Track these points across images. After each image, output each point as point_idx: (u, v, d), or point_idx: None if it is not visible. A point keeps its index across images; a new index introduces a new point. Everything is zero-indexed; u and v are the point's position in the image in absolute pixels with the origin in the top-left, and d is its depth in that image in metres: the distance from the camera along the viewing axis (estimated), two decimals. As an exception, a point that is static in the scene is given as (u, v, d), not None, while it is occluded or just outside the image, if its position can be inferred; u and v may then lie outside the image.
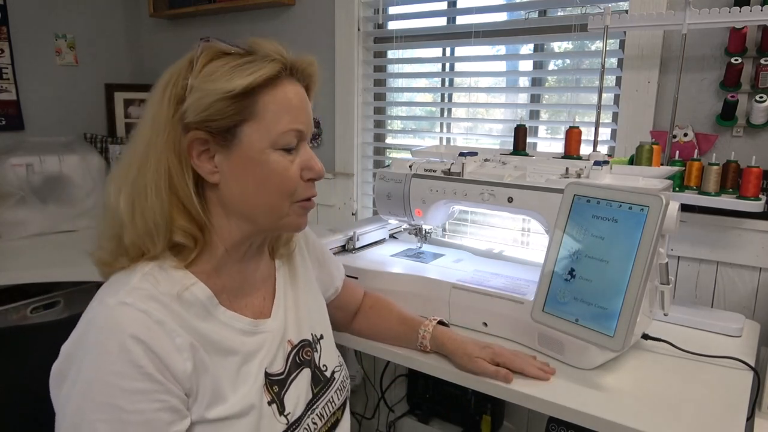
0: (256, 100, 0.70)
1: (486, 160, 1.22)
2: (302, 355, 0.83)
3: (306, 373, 0.83)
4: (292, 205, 0.75)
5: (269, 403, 0.75)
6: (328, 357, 0.89)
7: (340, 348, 0.99)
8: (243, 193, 0.72)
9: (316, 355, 0.86)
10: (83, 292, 1.73)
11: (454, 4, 1.69)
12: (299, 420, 0.78)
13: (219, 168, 0.71)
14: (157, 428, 0.63)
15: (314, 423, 0.81)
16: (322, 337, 0.89)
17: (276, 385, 0.77)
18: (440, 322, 1.02)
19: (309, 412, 0.81)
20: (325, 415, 0.84)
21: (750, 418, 0.87)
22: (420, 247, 1.37)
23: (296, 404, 0.78)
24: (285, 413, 0.76)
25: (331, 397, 0.86)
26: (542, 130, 1.64)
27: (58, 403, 0.65)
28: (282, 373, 0.78)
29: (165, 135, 0.69)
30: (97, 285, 0.71)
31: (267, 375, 0.76)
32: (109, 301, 0.65)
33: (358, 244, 1.36)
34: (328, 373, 0.87)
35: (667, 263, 0.98)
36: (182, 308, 0.68)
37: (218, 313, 0.73)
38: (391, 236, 1.51)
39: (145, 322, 0.64)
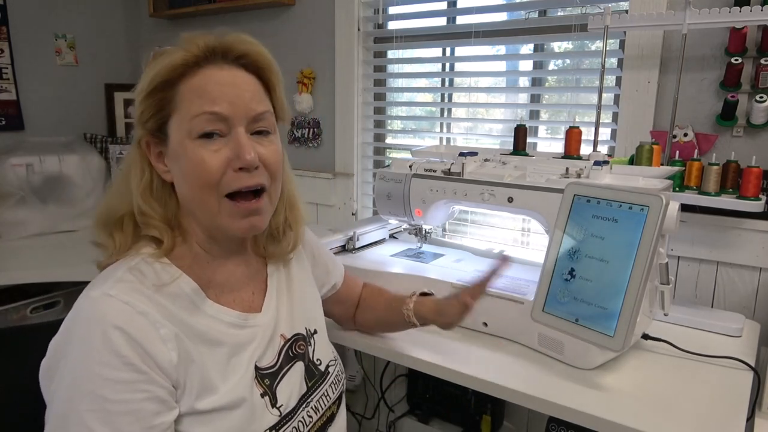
0: (176, 93, 0.70)
1: (486, 160, 1.22)
2: (295, 348, 0.84)
3: (299, 367, 0.83)
4: (222, 202, 0.71)
5: (261, 395, 0.75)
6: (322, 351, 0.89)
7: (340, 348, 0.99)
8: (180, 190, 0.74)
9: (310, 349, 0.87)
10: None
11: (454, 4, 1.69)
12: (293, 413, 0.79)
13: (168, 167, 0.73)
14: (142, 418, 0.63)
15: (309, 416, 0.82)
16: (315, 331, 0.89)
17: (267, 378, 0.77)
18: (423, 294, 1.00)
19: (303, 405, 0.81)
20: (320, 409, 0.85)
21: (750, 418, 0.87)
22: (420, 247, 1.37)
23: (289, 397, 0.79)
24: (278, 405, 0.77)
25: (326, 390, 0.87)
26: (542, 130, 1.64)
27: (48, 397, 0.66)
28: (273, 366, 0.79)
29: (135, 142, 0.75)
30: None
31: (257, 368, 0.76)
32: (93, 294, 0.66)
33: (358, 244, 1.36)
34: (322, 367, 0.88)
35: (667, 263, 0.98)
36: (167, 300, 0.69)
37: (205, 306, 0.73)
38: (391, 236, 1.51)
39: (128, 313, 0.65)
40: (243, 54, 0.73)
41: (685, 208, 1.10)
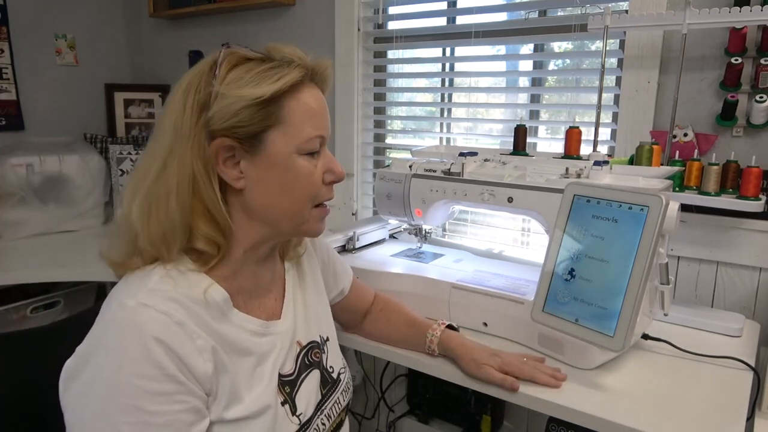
0: (282, 106, 0.70)
1: (486, 160, 1.22)
2: (311, 356, 0.84)
3: (315, 374, 0.83)
4: (312, 210, 0.76)
5: (282, 404, 0.76)
6: (334, 359, 0.90)
7: (340, 348, 0.99)
8: (268, 199, 0.73)
9: (324, 357, 0.87)
10: (83, 292, 1.74)
11: (454, 4, 1.69)
12: (310, 420, 0.79)
13: (244, 174, 0.71)
14: (179, 429, 0.63)
15: (323, 424, 0.82)
16: (328, 339, 0.90)
17: (287, 386, 0.78)
18: (449, 326, 1.02)
19: (318, 413, 0.82)
20: (332, 416, 0.85)
21: (750, 418, 0.87)
22: (420, 247, 1.37)
23: (307, 405, 0.79)
24: (297, 413, 0.77)
25: (338, 398, 0.87)
26: (542, 130, 1.64)
27: (67, 401, 0.65)
28: (292, 374, 0.79)
29: (189, 142, 0.68)
30: (98, 285, 0.72)
31: (279, 376, 0.77)
32: (128, 303, 0.64)
33: (358, 244, 1.36)
34: (334, 375, 0.88)
35: (667, 263, 0.98)
36: (201, 310, 0.68)
37: (231, 315, 0.73)
38: (391, 236, 1.51)
39: (166, 324, 0.64)
40: (325, 79, 0.77)
41: (685, 208, 1.10)
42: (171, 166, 0.68)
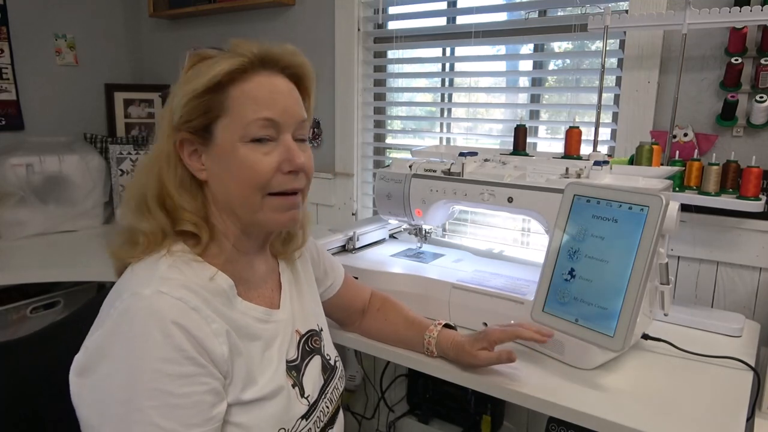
0: (227, 96, 0.73)
1: (486, 160, 1.22)
2: (312, 343, 0.88)
3: (317, 360, 0.87)
4: (265, 199, 0.75)
5: (293, 386, 0.79)
6: (329, 348, 0.94)
7: (340, 348, 1.00)
8: (223, 188, 0.75)
9: (322, 344, 0.91)
10: (83, 292, 1.73)
11: (454, 4, 1.69)
12: (316, 403, 0.83)
13: (205, 165, 0.75)
14: (203, 410, 0.65)
15: (327, 407, 0.86)
16: (322, 329, 0.93)
17: (294, 370, 0.81)
18: (446, 325, 1.02)
19: (322, 397, 0.85)
20: (333, 400, 0.89)
21: (750, 418, 0.87)
22: (420, 247, 1.37)
23: (313, 388, 0.83)
24: (306, 395, 0.81)
25: (336, 383, 0.91)
26: (542, 130, 1.64)
27: (83, 396, 0.65)
28: (296, 360, 0.83)
29: (164, 139, 0.75)
30: (98, 285, 0.72)
31: (286, 361, 0.80)
32: (143, 292, 0.66)
33: (358, 244, 1.36)
34: (332, 362, 0.92)
35: (667, 263, 0.98)
36: (211, 296, 0.71)
37: (236, 302, 0.76)
38: (391, 236, 1.51)
39: (182, 309, 0.66)
40: (289, 65, 0.77)
41: (685, 208, 1.10)
42: (155, 161, 0.76)
